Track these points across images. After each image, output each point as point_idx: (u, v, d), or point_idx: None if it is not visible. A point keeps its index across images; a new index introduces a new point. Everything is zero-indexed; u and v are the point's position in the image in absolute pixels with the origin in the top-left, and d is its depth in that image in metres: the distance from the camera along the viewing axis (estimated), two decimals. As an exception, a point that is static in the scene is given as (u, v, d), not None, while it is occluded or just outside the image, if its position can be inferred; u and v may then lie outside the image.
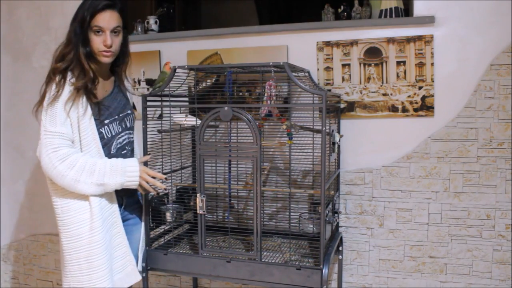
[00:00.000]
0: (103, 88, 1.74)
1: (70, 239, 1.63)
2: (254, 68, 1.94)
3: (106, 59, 1.67)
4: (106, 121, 1.69)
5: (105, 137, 1.69)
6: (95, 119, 1.65)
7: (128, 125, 1.79)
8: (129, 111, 1.82)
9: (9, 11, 2.70)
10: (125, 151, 1.79)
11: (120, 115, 1.76)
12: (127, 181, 1.65)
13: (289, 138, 1.84)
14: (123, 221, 1.79)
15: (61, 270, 1.71)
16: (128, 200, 1.82)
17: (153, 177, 1.71)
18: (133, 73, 2.43)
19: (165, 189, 1.80)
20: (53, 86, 1.60)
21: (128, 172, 1.64)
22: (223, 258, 1.80)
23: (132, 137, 1.84)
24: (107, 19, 1.61)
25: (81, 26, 1.61)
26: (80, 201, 1.62)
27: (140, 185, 1.69)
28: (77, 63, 1.62)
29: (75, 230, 1.62)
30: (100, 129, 1.67)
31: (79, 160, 1.58)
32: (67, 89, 1.59)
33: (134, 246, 1.84)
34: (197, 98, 2.08)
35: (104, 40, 1.62)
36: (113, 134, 1.72)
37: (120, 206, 1.77)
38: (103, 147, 1.67)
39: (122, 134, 1.76)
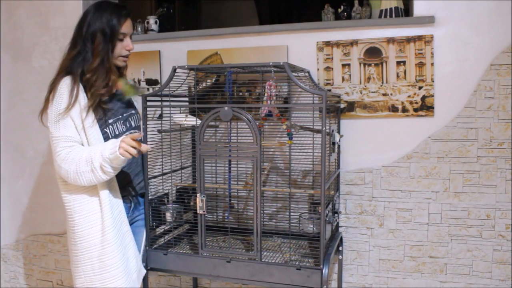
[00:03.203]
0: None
1: (82, 239, 1.66)
2: (254, 68, 1.94)
3: (125, 63, 1.78)
4: (110, 121, 1.72)
5: (110, 136, 1.70)
6: (99, 119, 1.67)
7: (132, 124, 1.82)
8: (133, 111, 1.84)
9: (9, 11, 2.70)
10: None
11: (124, 114, 1.79)
12: (110, 153, 1.57)
13: (289, 138, 1.84)
14: (132, 223, 1.83)
15: (71, 271, 1.72)
16: (136, 201, 1.85)
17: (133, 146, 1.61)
18: (133, 73, 2.43)
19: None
20: (60, 93, 1.62)
21: (108, 146, 1.59)
22: (223, 258, 1.80)
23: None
24: (129, 26, 1.74)
25: (111, 35, 1.67)
26: (91, 202, 1.66)
27: (125, 151, 1.59)
28: (104, 72, 1.67)
29: (87, 229, 1.65)
30: (105, 129, 1.69)
31: (77, 154, 1.59)
32: (71, 96, 1.62)
33: (138, 247, 1.85)
34: (197, 98, 2.08)
35: (126, 45, 1.73)
36: (117, 133, 1.74)
37: (128, 208, 1.80)
38: None
39: (127, 133, 1.77)
